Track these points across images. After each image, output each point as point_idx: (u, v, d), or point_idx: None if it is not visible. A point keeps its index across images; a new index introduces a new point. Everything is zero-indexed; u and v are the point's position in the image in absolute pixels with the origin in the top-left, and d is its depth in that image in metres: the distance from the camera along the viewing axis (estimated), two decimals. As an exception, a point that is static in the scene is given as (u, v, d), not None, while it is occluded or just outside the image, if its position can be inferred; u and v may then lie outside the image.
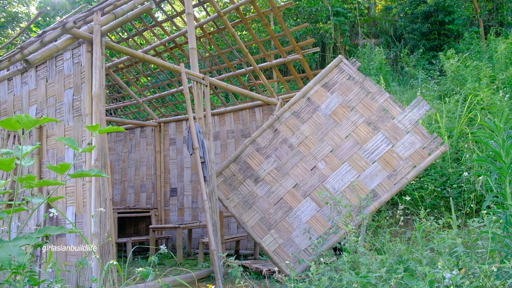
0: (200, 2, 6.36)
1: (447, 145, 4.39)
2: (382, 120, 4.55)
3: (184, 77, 4.78)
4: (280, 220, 4.53)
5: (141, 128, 8.30)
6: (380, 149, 4.48)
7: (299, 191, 4.58)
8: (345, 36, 15.06)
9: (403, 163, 4.36)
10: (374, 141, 4.51)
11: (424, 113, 4.47)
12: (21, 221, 4.40)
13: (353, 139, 4.58)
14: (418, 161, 4.34)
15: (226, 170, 5.05)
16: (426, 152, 4.34)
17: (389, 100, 4.58)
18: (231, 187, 4.96)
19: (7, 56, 4.53)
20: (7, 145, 4.64)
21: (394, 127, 4.49)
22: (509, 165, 2.56)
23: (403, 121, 4.50)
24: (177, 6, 10.46)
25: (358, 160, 4.50)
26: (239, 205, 4.84)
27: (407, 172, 4.33)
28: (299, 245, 4.28)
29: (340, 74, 4.83)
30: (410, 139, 4.42)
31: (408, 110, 4.50)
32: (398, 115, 4.51)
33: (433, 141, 4.37)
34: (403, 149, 4.42)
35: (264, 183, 4.77)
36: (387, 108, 4.55)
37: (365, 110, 4.61)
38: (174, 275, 4.68)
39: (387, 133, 4.49)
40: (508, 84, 7.82)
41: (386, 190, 4.32)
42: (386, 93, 4.63)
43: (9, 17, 15.78)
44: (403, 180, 4.30)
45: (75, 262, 3.64)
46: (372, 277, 2.31)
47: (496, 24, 13.99)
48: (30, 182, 1.48)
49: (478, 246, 2.60)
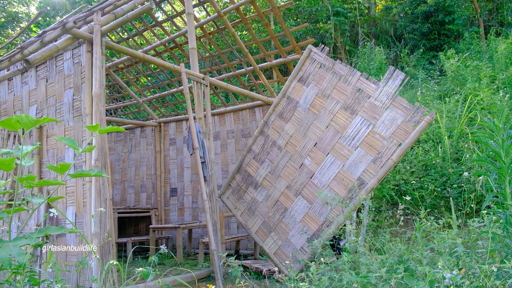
0: (200, 2, 6.36)
1: (433, 114, 3.82)
2: (358, 101, 4.23)
3: (184, 77, 4.78)
4: (278, 222, 4.48)
5: (141, 128, 8.30)
6: (360, 133, 4.12)
7: (291, 191, 4.47)
8: (345, 36, 15.05)
9: (387, 143, 3.93)
10: (353, 125, 4.19)
11: (400, 83, 4.05)
12: (21, 221, 4.40)
13: (333, 128, 4.32)
14: (403, 137, 3.87)
15: (233, 181, 5.15)
16: (411, 126, 3.86)
17: (361, 78, 4.25)
18: (237, 196, 5.04)
19: (7, 56, 4.53)
20: (7, 145, 4.64)
21: (372, 106, 4.11)
22: (509, 165, 2.56)
23: (380, 98, 4.09)
24: (177, 6, 10.46)
25: (341, 149, 4.20)
26: (245, 212, 4.88)
27: (393, 152, 3.88)
28: (295, 245, 4.22)
29: (312, 65, 4.67)
30: (390, 115, 3.99)
31: (383, 84, 4.11)
32: (374, 92, 4.14)
33: (416, 112, 3.87)
34: (384, 127, 3.99)
35: (262, 188, 4.77)
36: (361, 87, 4.23)
37: (340, 95, 4.36)
38: (174, 275, 4.68)
39: (365, 114, 4.13)
40: (508, 84, 7.82)
41: (373, 175, 3.91)
42: (357, 72, 4.31)
43: (9, 17, 15.78)
44: (389, 162, 3.85)
45: (75, 262, 3.64)
46: (372, 277, 2.31)
47: (496, 24, 13.98)
48: (30, 182, 1.48)
49: (478, 246, 2.60)
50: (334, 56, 14.88)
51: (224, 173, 7.21)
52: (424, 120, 3.78)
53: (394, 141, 3.90)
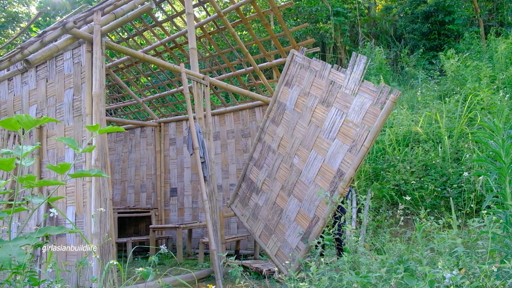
0: (200, 2, 6.36)
1: (397, 91, 3.68)
2: (332, 93, 4.24)
3: (184, 77, 4.78)
4: (276, 223, 4.51)
5: (141, 128, 8.30)
6: (336, 124, 4.11)
7: (285, 192, 4.49)
8: (345, 36, 15.06)
9: (359, 130, 3.85)
10: (329, 118, 4.19)
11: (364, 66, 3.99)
12: (21, 221, 4.40)
13: (314, 124, 4.33)
14: (372, 121, 3.77)
15: (239, 190, 5.24)
16: (378, 108, 3.75)
17: (333, 71, 4.27)
18: (244, 203, 5.12)
19: (7, 56, 4.53)
20: (7, 145, 4.64)
21: (343, 95, 4.10)
22: (509, 165, 2.56)
23: (349, 85, 4.06)
24: (177, 6, 10.46)
25: (321, 143, 4.19)
26: (250, 218, 4.94)
27: (364, 138, 3.79)
28: (291, 244, 4.22)
29: (294, 67, 4.77)
30: (359, 101, 3.92)
31: (349, 70, 4.09)
32: (343, 81, 4.14)
33: (381, 93, 3.75)
34: (355, 114, 3.94)
35: (262, 193, 4.83)
36: (333, 79, 4.25)
37: (317, 91, 4.40)
38: (174, 275, 4.68)
39: (338, 105, 4.12)
40: (508, 84, 7.82)
41: (349, 164, 3.84)
42: (328, 65, 4.34)
43: (9, 17, 15.79)
44: (362, 149, 3.76)
45: (75, 262, 3.64)
46: (372, 277, 2.31)
47: (496, 24, 13.98)
48: (30, 182, 1.48)
49: (478, 246, 2.60)
50: (334, 56, 14.88)
51: (224, 173, 7.21)
52: (389, 99, 3.66)
53: (365, 127, 3.81)
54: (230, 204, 5.39)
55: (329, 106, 4.21)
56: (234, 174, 7.11)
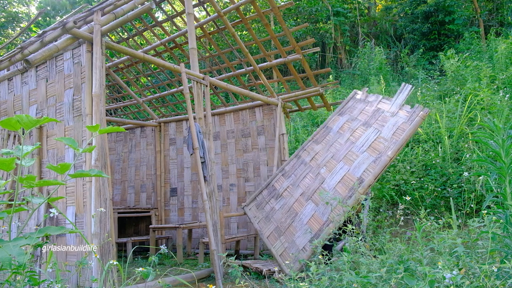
0: (200, 2, 6.35)
1: (427, 110, 4.25)
2: (374, 116, 4.76)
3: (184, 77, 4.78)
4: (288, 226, 4.68)
5: (141, 128, 8.30)
6: (369, 140, 4.57)
7: (304, 197, 4.80)
8: (345, 36, 15.06)
9: (387, 143, 4.28)
10: (365, 135, 4.66)
11: (407, 93, 4.59)
12: (22, 221, 4.40)
13: (350, 141, 4.80)
14: (399, 136, 4.21)
15: (259, 196, 5.56)
16: (408, 125, 4.25)
17: (383, 100, 4.87)
18: (259, 208, 5.40)
19: (7, 56, 4.53)
20: (7, 145, 4.64)
21: (383, 117, 4.64)
22: (509, 165, 2.56)
23: (391, 109, 4.64)
24: (177, 6, 10.46)
25: (351, 155, 4.62)
26: (262, 220, 5.17)
27: (390, 149, 4.19)
28: (298, 245, 4.31)
29: (353, 102, 5.39)
30: (393, 120, 4.47)
31: (395, 98, 4.71)
32: (387, 106, 4.73)
33: (414, 113, 4.28)
34: (388, 131, 4.42)
35: (282, 198, 5.13)
36: (380, 106, 4.83)
37: (363, 116, 4.95)
38: (175, 275, 4.68)
39: (377, 125, 4.63)
40: (508, 84, 7.82)
41: (370, 172, 4.15)
42: (380, 96, 4.95)
43: (9, 17, 15.79)
44: (384, 158, 4.12)
45: (75, 262, 3.64)
46: (372, 277, 2.31)
47: (496, 24, 13.98)
48: (30, 182, 1.48)
49: (478, 246, 2.60)
50: (334, 56, 14.89)
51: (224, 173, 7.21)
52: (418, 116, 4.13)
53: (393, 140, 4.21)
54: (244, 207, 5.67)
55: (369, 126, 4.74)
56: (234, 174, 7.11)
